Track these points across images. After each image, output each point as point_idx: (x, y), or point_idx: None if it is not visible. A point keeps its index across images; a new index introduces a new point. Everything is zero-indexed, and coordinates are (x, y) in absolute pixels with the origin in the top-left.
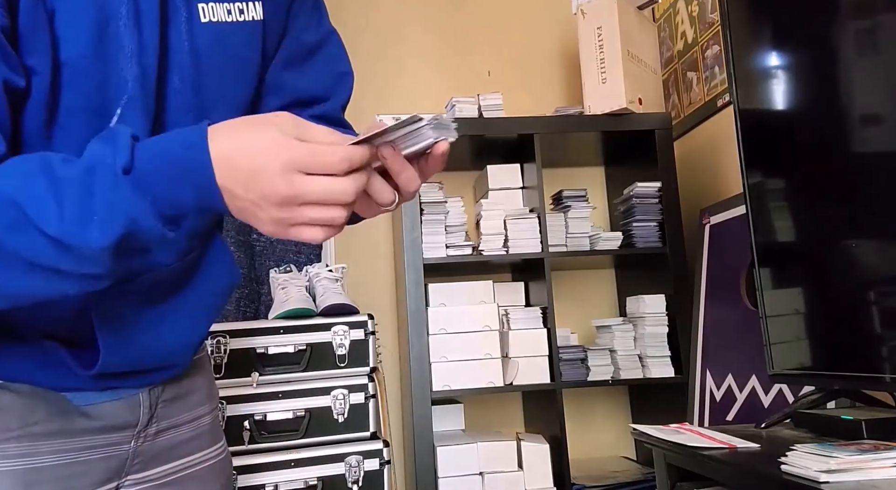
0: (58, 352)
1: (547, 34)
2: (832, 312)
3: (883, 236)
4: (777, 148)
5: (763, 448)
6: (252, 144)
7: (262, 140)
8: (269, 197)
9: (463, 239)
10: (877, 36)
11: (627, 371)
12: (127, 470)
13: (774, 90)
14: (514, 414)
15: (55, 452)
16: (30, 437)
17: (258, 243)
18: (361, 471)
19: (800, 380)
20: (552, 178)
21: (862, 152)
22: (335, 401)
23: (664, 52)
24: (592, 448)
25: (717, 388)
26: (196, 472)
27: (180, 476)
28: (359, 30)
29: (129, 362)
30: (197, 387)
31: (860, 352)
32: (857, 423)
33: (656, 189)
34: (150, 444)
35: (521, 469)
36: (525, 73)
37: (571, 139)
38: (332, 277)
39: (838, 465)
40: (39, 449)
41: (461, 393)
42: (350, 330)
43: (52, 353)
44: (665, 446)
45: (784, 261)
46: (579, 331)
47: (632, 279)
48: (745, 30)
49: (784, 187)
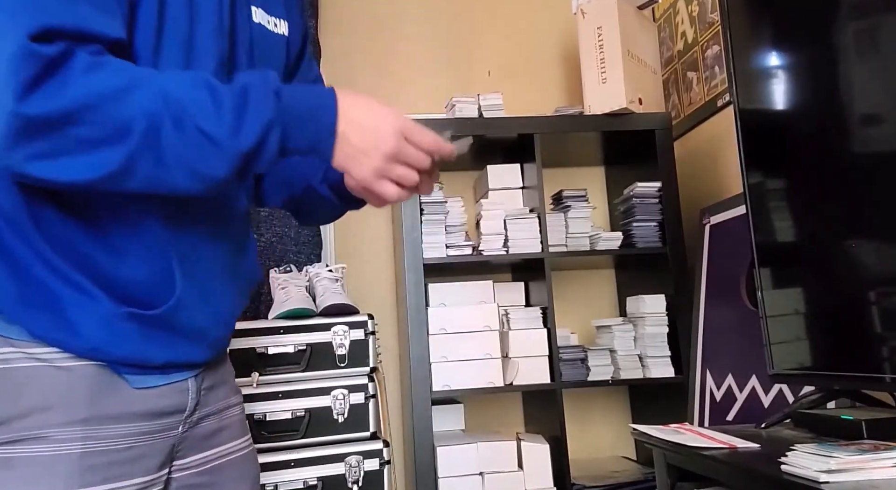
0: (134, 312)
1: (547, 34)
2: (832, 312)
3: (883, 236)
4: (777, 148)
5: (763, 448)
6: (371, 108)
7: (379, 107)
8: (381, 148)
9: (463, 239)
10: (877, 36)
11: (627, 371)
12: (173, 456)
13: (774, 90)
14: (514, 414)
15: (114, 437)
16: (95, 421)
17: (258, 243)
18: (361, 471)
19: (800, 380)
20: (552, 178)
21: (862, 152)
22: (335, 401)
23: (664, 52)
24: (592, 448)
25: (717, 388)
26: (228, 462)
27: (216, 465)
28: (359, 29)
29: (190, 323)
30: (226, 378)
31: (860, 352)
32: (857, 423)
33: (656, 189)
34: (191, 431)
35: (521, 469)
36: (525, 74)
37: (571, 139)
38: (332, 277)
39: (838, 465)
40: (100, 433)
41: (461, 393)
42: (350, 330)
43: (128, 319)
44: (665, 446)
45: (784, 261)
46: (579, 331)
47: (632, 279)
48: (745, 30)
49: (784, 187)
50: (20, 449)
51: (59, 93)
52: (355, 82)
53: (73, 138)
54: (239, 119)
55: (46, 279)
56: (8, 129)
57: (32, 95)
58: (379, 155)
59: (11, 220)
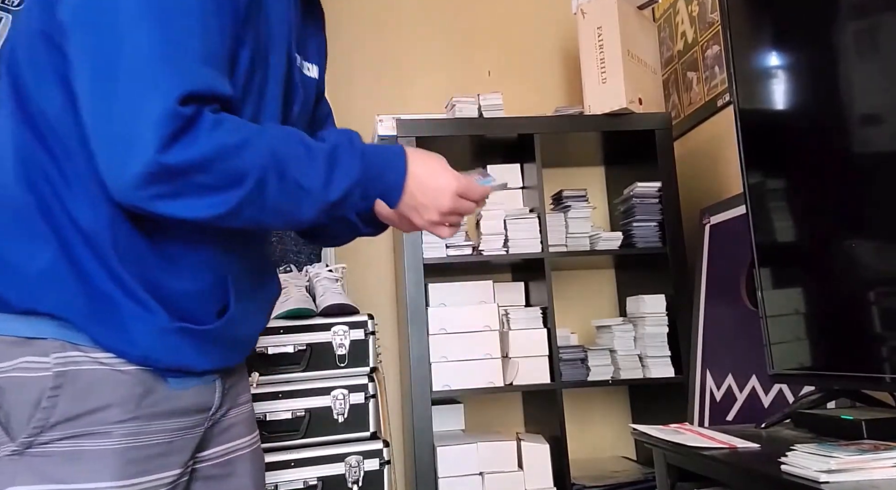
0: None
1: (547, 34)
2: (832, 312)
3: (883, 236)
4: (777, 148)
5: (763, 448)
6: (435, 171)
7: (441, 170)
8: (440, 207)
9: (463, 239)
10: (877, 36)
11: (627, 371)
12: (199, 449)
13: (774, 90)
14: (514, 414)
15: (157, 432)
16: (143, 418)
17: None
18: (361, 471)
19: (800, 380)
20: (552, 178)
21: (862, 152)
22: (335, 401)
23: (664, 52)
24: (592, 448)
25: (717, 388)
26: (239, 456)
27: (230, 458)
28: (359, 29)
29: (235, 336)
30: (242, 377)
31: (860, 352)
32: (857, 423)
33: (656, 189)
34: (215, 426)
35: (521, 469)
36: (525, 73)
37: (571, 139)
38: (332, 277)
39: (838, 465)
40: (146, 429)
41: (461, 393)
42: (350, 330)
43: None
44: (665, 446)
45: (784, 261)
46: (579, 331)
47: (632, 279)
48: (745, 30)
49: (784, 187)
50: (87, 442)
51: (191, 147)
52: (355, 82)
53: (195, 184)
54: (329, 175)
55: (112, 293)
56: (144, 174)
57: (170, 148)
58: (437, 211)
59: (90, 236)
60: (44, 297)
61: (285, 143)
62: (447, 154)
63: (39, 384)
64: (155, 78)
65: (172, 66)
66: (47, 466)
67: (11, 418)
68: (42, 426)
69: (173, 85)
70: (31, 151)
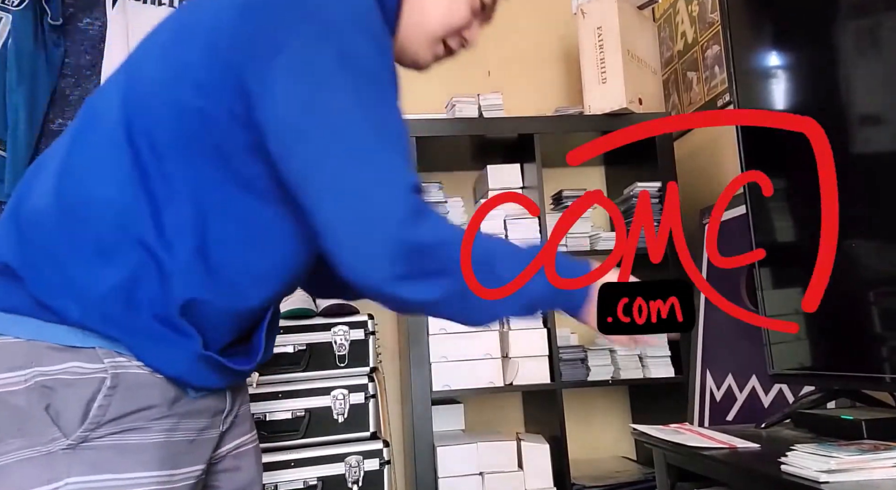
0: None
1: (547, 34)
2: (832, 312)
3: (883, 236)
4: (777, 148)
5: (763, 448)
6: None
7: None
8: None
9: None
10: (877, 36)
11: (627, 371)
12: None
13: (774, 90)
14: (514, 414)
15: (186, 430)
16: (176, 416)
17: None
18: (361, 471)
19: (800, 380)
20: (552, 178)
21: (862, 152)
22: (335, 401)
23: (664, 52)
24: (592, 448)
25: (717, 388)
26: (244, 451)
27: (236, 453)
28: None
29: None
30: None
31: (860, 352)
32: (857, 423)
33: (656, 189)
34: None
35: (521, 469)
36: (525, 73)
37: (571, 139)
38: None
39: (838, 465)
40: (177, 426)
41: (461, 393)
42: (350, 330)
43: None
44: (665, 446)
45: (784, 261)
46: (579, 331)
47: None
48: (745, 30)
49: (784, 187)
50: (132, 437)
51: (433, 229)
52: None
53: (425, 267)
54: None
55: (162, 322)
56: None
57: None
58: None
59: (177, 275)
60: (100, 317)
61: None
62: (447, 154)
63: (93, 385)
64: (394, 172)
65: (402, 158)
66: (99, 459)
67: (61, 416)
68: (98, 422)
69: (408, 177)
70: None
